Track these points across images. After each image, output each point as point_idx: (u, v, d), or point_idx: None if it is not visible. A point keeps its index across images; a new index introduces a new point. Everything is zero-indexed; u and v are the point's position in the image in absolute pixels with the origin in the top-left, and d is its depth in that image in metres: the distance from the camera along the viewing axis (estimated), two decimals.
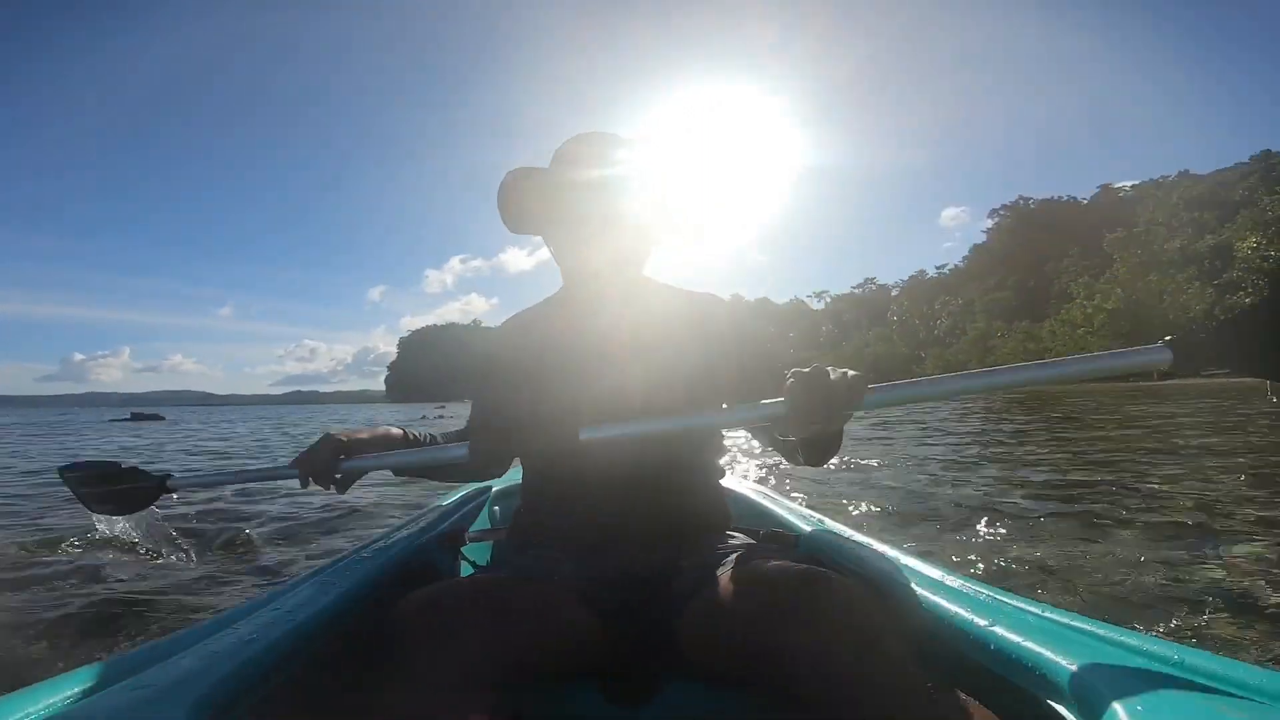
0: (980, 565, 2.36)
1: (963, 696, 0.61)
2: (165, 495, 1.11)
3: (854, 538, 1.05)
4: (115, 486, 1.13)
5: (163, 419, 35.19)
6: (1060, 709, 0.56)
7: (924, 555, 0.97)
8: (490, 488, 1.65)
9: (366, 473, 0.94)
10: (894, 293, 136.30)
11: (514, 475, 1.51)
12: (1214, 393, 20.59)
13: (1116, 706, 0.50)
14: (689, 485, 0.98)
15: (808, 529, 1.15)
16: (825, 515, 1.26)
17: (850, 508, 3.58)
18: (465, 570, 1.14)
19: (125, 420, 32.93)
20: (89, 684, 0.54)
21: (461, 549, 1.16)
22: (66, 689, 0.53)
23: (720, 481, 1.05)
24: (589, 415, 0.84)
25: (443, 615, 0.66)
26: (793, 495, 3.49)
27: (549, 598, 0.79)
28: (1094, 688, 0.53)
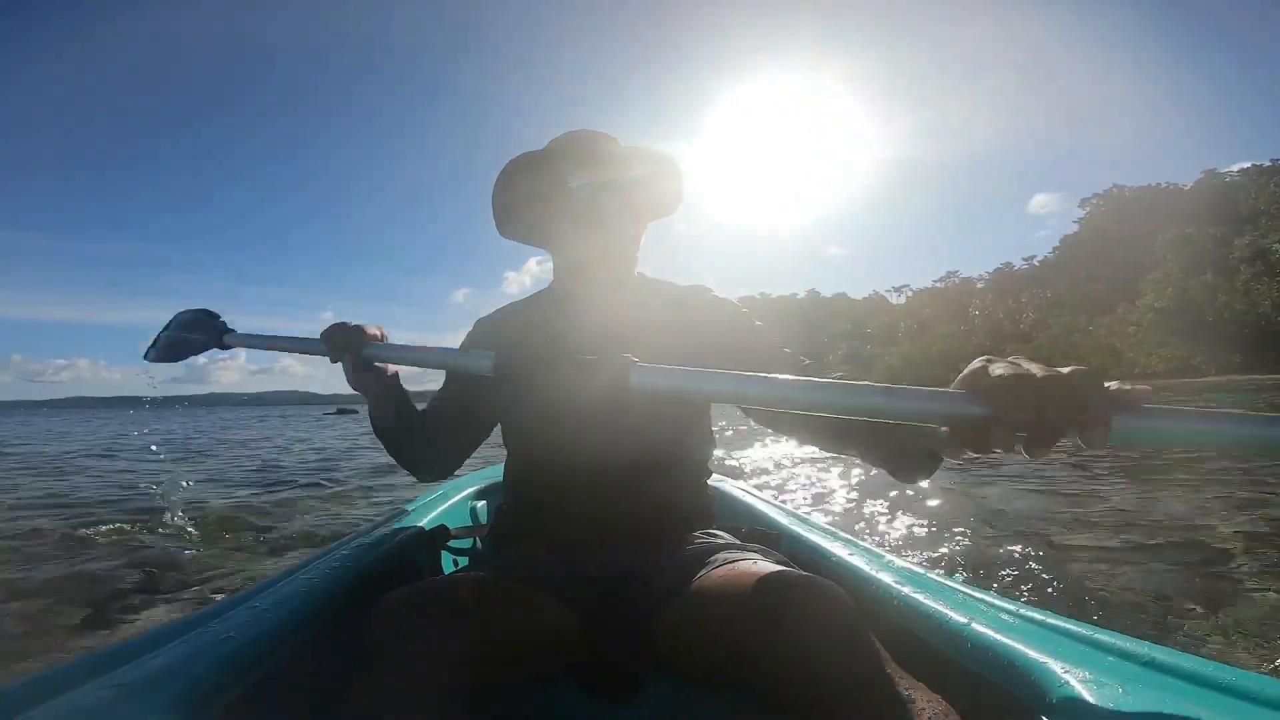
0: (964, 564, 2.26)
1: (939, 697, 0.59)
2: (218, 350, 1.11)
3: (836, 537, 1.08)
4: (182, 335, 1.14)
5: (356, 412, 44.69)
6: (1033, 705, 0.57)
7: (906, 554, 1.05)
8: (471, 485, 1.65)
9: (384, 361, 0.93)
10: (979, 285, 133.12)
11: (494, 473, 1.71)
12: None
13: (1086, 702, 0.51)
14: (673, 483, 0.97)
15: (791, 528, 1.16)
16: (811, 514, 1.26)
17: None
18: (447, 568, 1.15)
19: (333, 414, 41.12)
20: (62, 682, 0.53)
21: (442, 548, 1.16)
22: (39, 688, 0.52)
23: (706, 479, 1.05)
24: (582, 409, 0.84)
25: (420, 615, 0.66)
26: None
27: (528, 597, 0.79)
28: (1065, 684, 0.54)
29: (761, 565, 0.77)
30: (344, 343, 0.91)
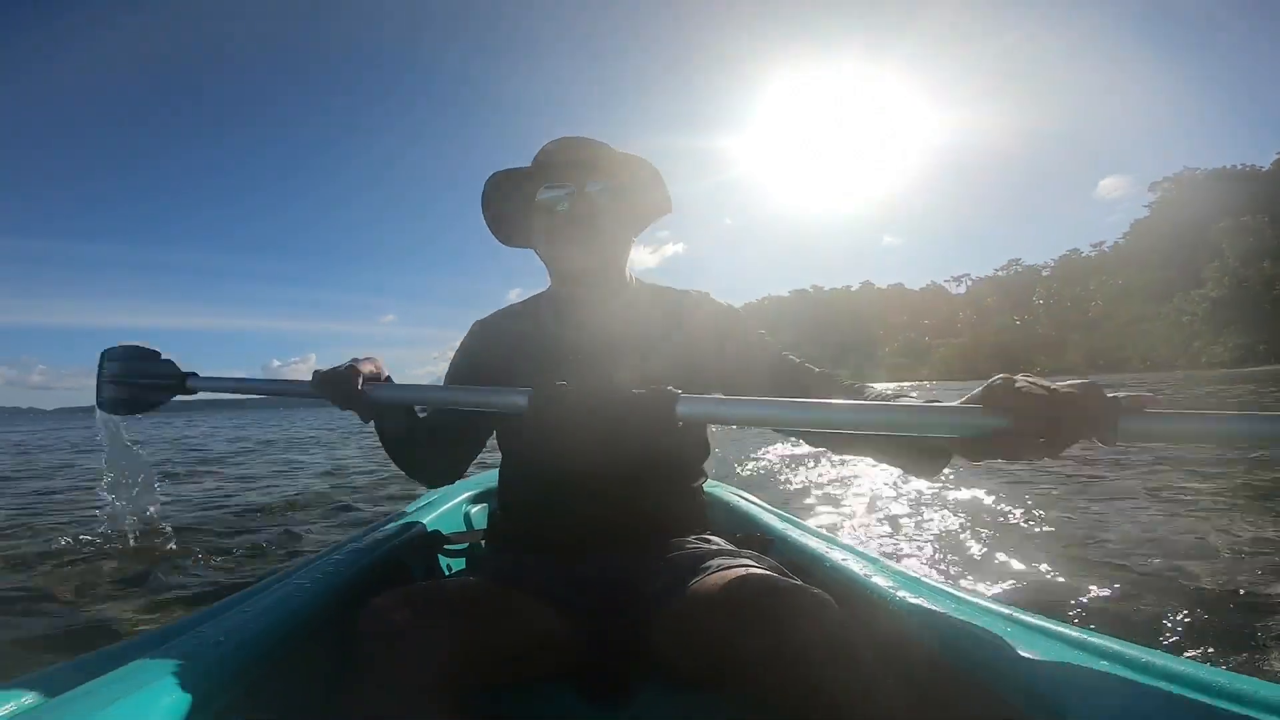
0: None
1: (931, 701, 0.60)
2: (184, 394, 1.05)
3: (829, 541, 1.08)
4: (139, 381, 1.07)
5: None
6: (1025, 709, 0.57)
7: (898, 558, 1.03)
8: (466, 491, 1.65)
9: (393, 404, 0.91)
10: (1044, 273, 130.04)
11: (488, 479, 1.69)
12: None
13: (1080, 706, 0.51)
14: (667, 488, 0.98)
15: (784, 532, 1.16)
16: (804, 519, 1.25)
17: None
18: (443, 572, 1.16)
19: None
20: (58, 683, 0.53)
21: (438, 552, 1.16)
22: (37, 687, 0.52)
23: (700, 484, 1.05)
24: (579, 419, 0.82)
25: (408, 616, 0.66)
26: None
27: (518, 600, 0.80)
28: (1059, 688, 0.54)
29: (752, 572, 0.77)
30: (345, 394, 0.89)
